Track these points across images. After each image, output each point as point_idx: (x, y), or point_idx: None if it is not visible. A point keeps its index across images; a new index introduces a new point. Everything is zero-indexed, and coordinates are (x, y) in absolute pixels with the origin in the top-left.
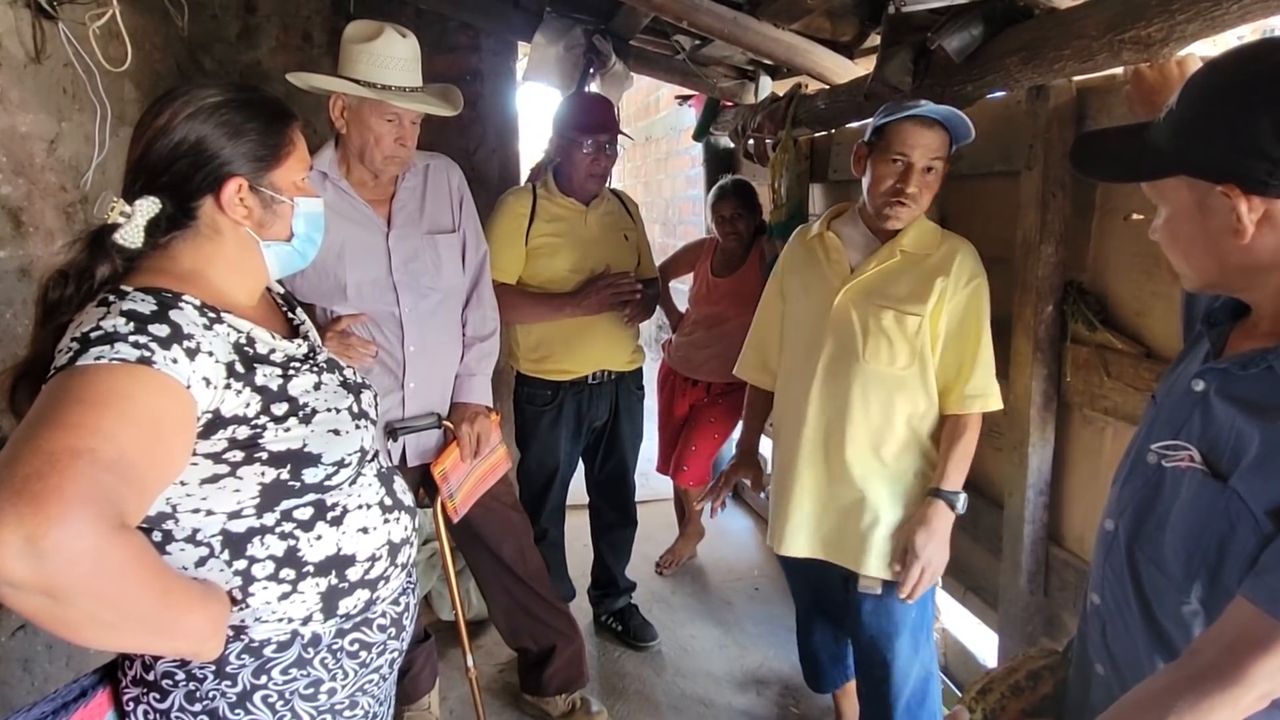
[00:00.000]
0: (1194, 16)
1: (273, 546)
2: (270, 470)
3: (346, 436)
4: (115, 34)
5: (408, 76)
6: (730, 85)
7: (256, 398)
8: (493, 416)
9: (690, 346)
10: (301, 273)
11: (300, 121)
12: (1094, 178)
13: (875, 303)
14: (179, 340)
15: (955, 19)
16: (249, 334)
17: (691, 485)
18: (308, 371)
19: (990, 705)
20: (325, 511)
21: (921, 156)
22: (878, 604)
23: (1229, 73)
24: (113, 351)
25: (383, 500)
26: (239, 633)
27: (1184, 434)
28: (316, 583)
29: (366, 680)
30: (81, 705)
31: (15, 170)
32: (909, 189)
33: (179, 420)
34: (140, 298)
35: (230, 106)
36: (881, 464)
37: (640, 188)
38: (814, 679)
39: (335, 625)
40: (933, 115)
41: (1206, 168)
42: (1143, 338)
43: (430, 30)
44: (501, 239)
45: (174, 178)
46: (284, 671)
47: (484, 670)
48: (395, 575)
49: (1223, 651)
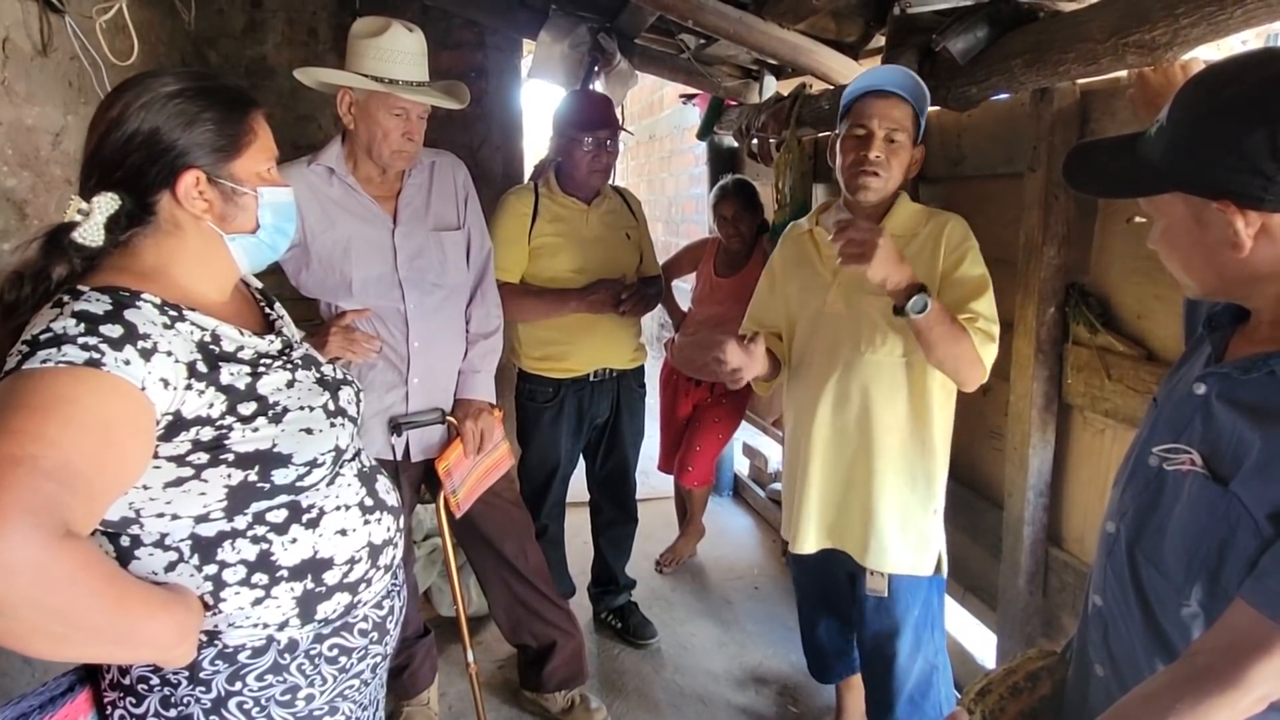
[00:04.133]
0: (1198, 21)
1: (244, 550)
2: (237, 472)
3: (320, 435)
4: (121, 28)
5: (414, 71)
6: (735, 84)
7: (221, 397)
8: (496, 413)
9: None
10: (307, 268)
11: (262, 109)
12: (1088, 193)
13: (869, 291)
14: (133, 340)
15: (960, 21)
16: (214, 331)
17: (696, 485)
18: (280, 369)
19: (989, 706)
20: (301, 514)
21: (881, 125)
22: (881, 602)
23: (1218, 89)
24: (59, 354)
25: (363, 501)
26: (212, 638)
27: (1185, 437)
28: (291, 587)
29: (346, 686)
30: (68, 700)
31: (21, 163)
32: (871, 154)
33: (131, 424)
34: (95, 297)
35: (185, 95)
36: (886, 453)
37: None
38: (818, 671)
39: (313, 630)
40: (888, 87)
41: (1201, 184)
42: (1144, 340)
43: (436, 27)
44: (504, 238)
45: (128, 172)
46: (259, 678)
47: (484, 666)
48: (378, 578)
49: (1222, 654)
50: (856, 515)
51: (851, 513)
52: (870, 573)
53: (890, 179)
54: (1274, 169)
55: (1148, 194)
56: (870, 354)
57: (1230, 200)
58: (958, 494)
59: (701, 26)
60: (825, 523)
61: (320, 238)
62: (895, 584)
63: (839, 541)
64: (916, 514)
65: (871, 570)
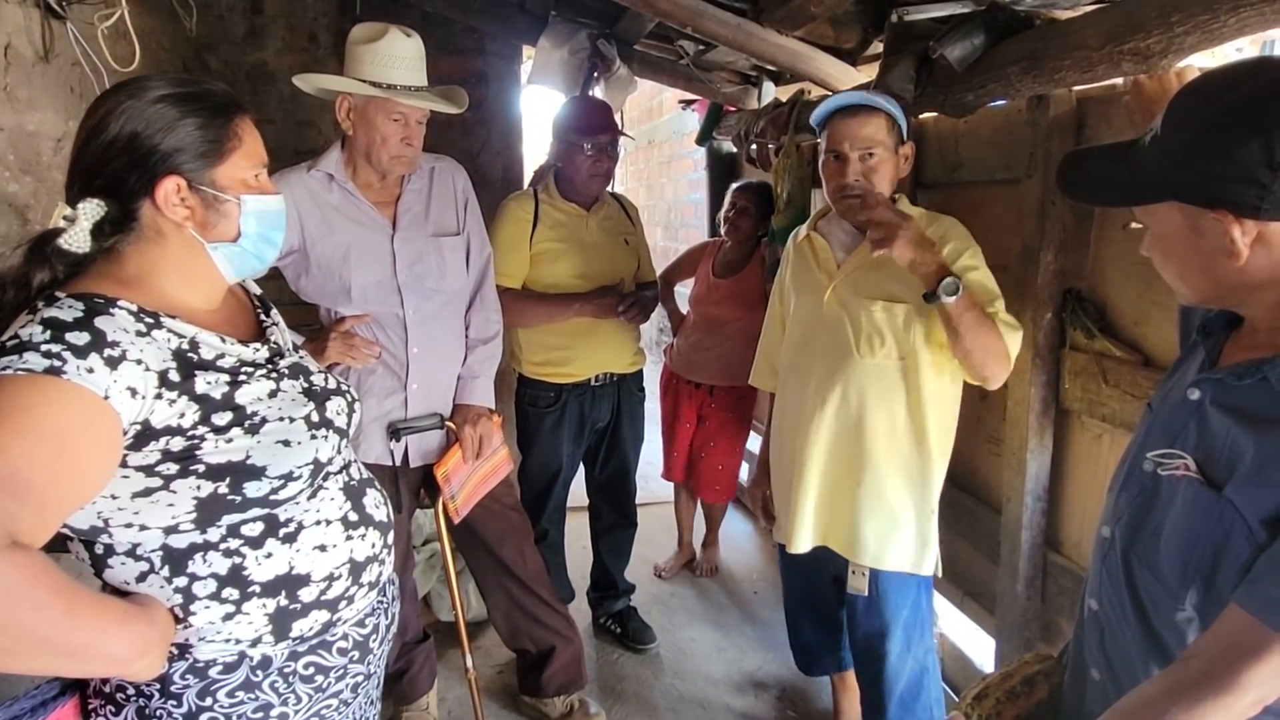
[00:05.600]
0: (1193, 29)
1: (215, 564)
2: (207, 484)
3: (298, 448)
4: (123, 34)
5: (413, 75)
6: (734, 90)
7: (194, 407)
8: (495, 418)
9: (691, 349)
10: (307, 273)
11: (250, 114)
12: (1082, 201)
13: (865, 295)
14: (98, 348)
15: (957, 28)
16: (193, 339)
17: (722, 500)
18: (263, 378)
19: (986, 711)
20: (277, 528)
21: (852, 146)
22: (870, 602)
23: (1213, 98)
24: (20, 361)
25: (346, 516)
26: (183, 651)
27: (1180, 443)
28: (263, 603)
29: (324, 706)
30: (59, 705)
31: (23, 168)
32: (847, 179)
33: (91, 433)
34: (69, 304)
35: (168, 101)
36: (881, 454)
37: (643, 191)
38: (805, 666)
39: (288, 648)
40: (850, 102)
41: (1196, 194)
42: (1141, 346)
43: (436, 33)
44: (506, 244)
45: (108, 179)
46: (230, 694)
47: (483, 671)
48: (360, 595)
49: (1216, 658)
50: (847, 513)
51: (842, 511)
52: (853, 571)
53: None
54: (1270, 178)
55: (1143, 203)
56: (868, 357)
57: (1226, 209)
58: (955, 499)
59: (700, 33)
60: (819, 522)
61: (320, 243)
62: (885, 584)
63: (830, 539)
64: (909, 514)
65: (854, 569)
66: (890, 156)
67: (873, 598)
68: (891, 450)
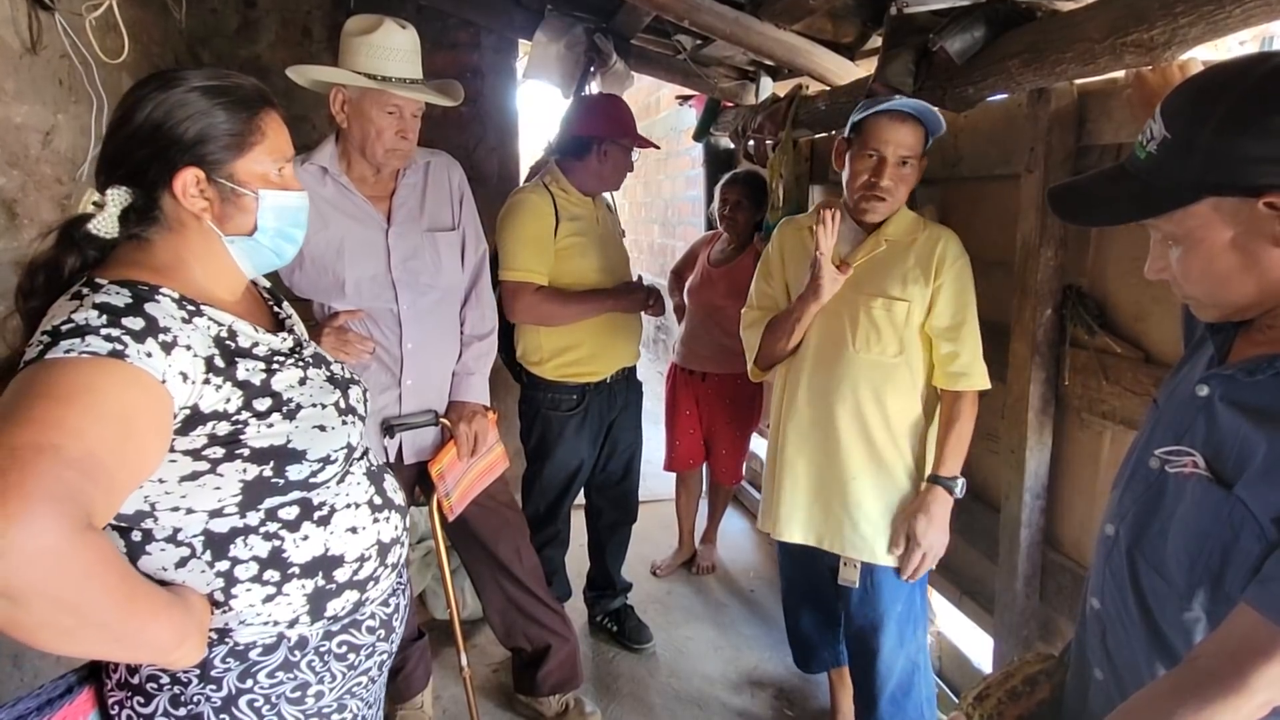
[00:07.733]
0: (1196, 20)
1: (256, 547)
2: (252, 467)
3: (332, 433)
4: (112, 26)
5: (408, 68)
6: (731, 86)
7: (238, 393)
8: (490, 415)
9: (688, 338)
10: (300, 268)
11: (277, 110)
12: (1097, 224)
13: (865, 292)
14: (154, 334)
15: (957, 21)
16: (230, 327)
17: (728, 483)
18: (292, 366)
19: (987, 711)
20: (312, 511)
21: (895, 151)
22: (864, 595)
23: (1228, 85)
24: (83, 344)
25: (372, 499)
26: (223, 636)
27: (1187, 439)
28: (302, 584)
29: (355, 683)
30: (65, 703)
31: (10, 162)
32: (883, 182)
33: (152, 416)
34: (115, 290)
35: (196, 92)
36: (871, 452)
37: (640, 188)
38: (801, 661)
39: (323, 627)
40: (905, 109)
41: (1238, 184)
42: (1141, 342)
43: (431, 26)
44: (531, 240)
45: (131, 168)
46: (270, 675)
47: (478, 670)
48: (385, 576)
49: (1225, 658)
50: (840, 506)
51: (835, 504)
52: (844, 563)
53: (896, 201)
54: None
55: (1171, 210)
56: (865, 353)
57: (1276, 192)
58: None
59: (698, 27)
60: (808, 518)
61: (313, 238)
62: (878, 577)
63: (823, 533)
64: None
65: (845, 560)
66: (916, 170)
67: (866, 591)
68: (886, 444)
